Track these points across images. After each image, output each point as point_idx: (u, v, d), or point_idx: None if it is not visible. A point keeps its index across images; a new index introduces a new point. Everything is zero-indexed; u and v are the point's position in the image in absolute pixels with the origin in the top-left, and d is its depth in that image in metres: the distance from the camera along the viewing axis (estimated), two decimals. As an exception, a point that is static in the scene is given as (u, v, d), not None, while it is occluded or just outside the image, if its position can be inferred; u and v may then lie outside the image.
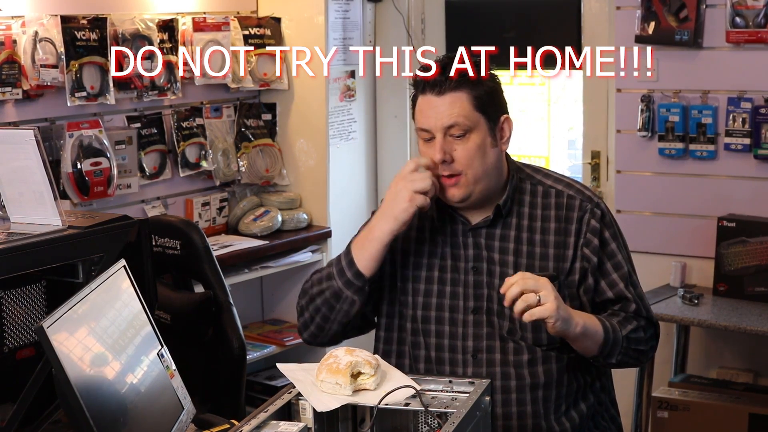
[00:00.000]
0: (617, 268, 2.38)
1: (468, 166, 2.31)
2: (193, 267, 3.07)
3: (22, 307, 2.25)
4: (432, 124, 2.31)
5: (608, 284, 2.38)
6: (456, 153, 2.31)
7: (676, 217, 4.13)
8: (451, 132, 2.30)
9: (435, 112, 2.31)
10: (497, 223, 2.39)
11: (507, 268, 2.36)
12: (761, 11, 3.86)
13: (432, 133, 2.32)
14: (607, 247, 2.38)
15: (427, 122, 2.32)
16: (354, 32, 4.81)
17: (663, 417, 3.83)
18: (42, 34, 3.66)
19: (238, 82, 4.38)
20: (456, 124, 2.30)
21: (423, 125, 2.33)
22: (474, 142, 2.31)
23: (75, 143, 3.78)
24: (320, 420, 1.95)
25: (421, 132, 2.35)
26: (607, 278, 2.38)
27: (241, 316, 3.09)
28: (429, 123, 2.32)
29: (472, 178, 2.32)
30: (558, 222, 2.38)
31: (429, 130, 2.32)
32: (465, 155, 2.31)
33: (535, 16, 4.68)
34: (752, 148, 3.94)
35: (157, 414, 2.02)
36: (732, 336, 4.01)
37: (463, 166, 2.31)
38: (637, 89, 4.16)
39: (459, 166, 2.31)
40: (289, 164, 4.62)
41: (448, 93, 2.30)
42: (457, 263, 2.40)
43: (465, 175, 2.32)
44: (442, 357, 2.39)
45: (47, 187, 2.28)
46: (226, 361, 3.00)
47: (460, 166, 2.31)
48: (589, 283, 2.37)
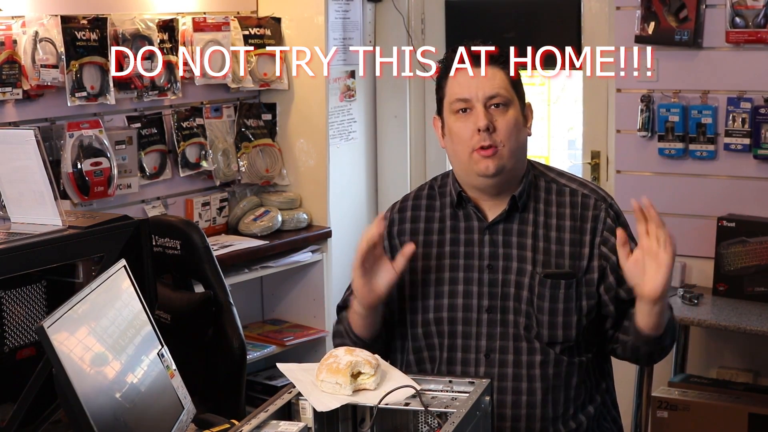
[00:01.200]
0: None
1: (507, 138, 2.31)
2: (193, 267, 3.08)
3: (22, 307, 2.25)
4: (473, 93, 2.31)
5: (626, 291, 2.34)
6: (497, 123, 2.31)
7: (676, 217, 4.13)
8: (493, 102, 2.31)
9: (476, 81, 2.31)
10: (513, 218, 2.38)
11: (525, 264, 2.35)
12: (761, 11, 3.86)
13: (472, 102, 2.31)
14: None
15: (468, 91, 2.32)
16: (354, 32, 4.81)
17: (663, 417, 3.83)
18: (42, 34, 3.66)
19: (238, 82, 4.39)
20: (498, 95, 2.31)
21: (462, 95, 2.32)
22: (512, 115, 2.32)
23: (75, 143, 3.78)
24: (320, 420, 1.95)
25: (458, 102, 2.33)
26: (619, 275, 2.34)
27: (241, 316, 3.09)
28: (470, 92, 2.31)
29: (508, 152, 2.31)
30: (573, 220, 2.37)
31: (469, 99, 2.31)
32: (506, 126, 2.31)
33: (535, 16, 4.68)
34: (752, 148, 3.94)
35: (157, 414, 2.02)
36: (732, 336, 4.01)
37: (503, 137, 2.30)
38: (637, 89, 4.16)
39: (499, 137, 2.30)
40: (289, 164, 4.62)
41: (486, 65, 2.32)
42: (471, 262, 2.38)
43: (503, 146, 2.31)
44: (454, 357, 2.37)
45: (47, 187, 2.29)
46: (226, 361, 3.00)
47: (500, 137, 2.30)
48: (610, 282, 2.35)
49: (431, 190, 2.48)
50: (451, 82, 2.36)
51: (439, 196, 2.46)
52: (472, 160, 2.32)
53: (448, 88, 2.36)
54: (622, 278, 2.33)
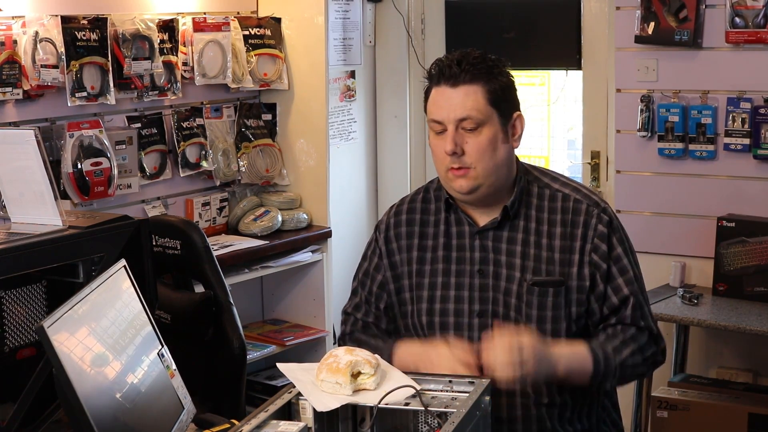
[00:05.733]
0: (622, 272, 2.35)
1: (478, 160, 2.30)
2: (193, 267, 3.08)
3: (22, 307, 2.25)
4: (444, 116, 2.30)
5: (613, 289, 2.35)
6: (467, 146, 2.30)
7: (676, 217, 4.13)
8: (463, 125, 2.29)
9: (449, 104, 2.30)
10: (504, 225, 2.37)
11: (514, 271, 2.35)
12: (761, 11, 3.86)
13: (444, 125, 2.30)
14: (613, 252, 2.35)
15: (440, 114, 2.31)
16: (354, 32, 4.81)
17: (662, 417, 3.84)
18: (42, 35, 3.66)
19: (238, 82, 4.39)
20: (469, 117, 2.29)
21: (435, 117, 2.32)
22: (486, 136, 2.30)
23: (75, 143, 3.78)
24: (320, 420, 1.95)
25: (433, 124, 2.33)
26: (612, 283, 2.35)
27: (241, 316, 3.09)
28: (441, 115, 2.31)
29: (482, 171, 2.30)
30: (564, 226, 2.35)
31: (441, 121, 2.31)
32: (476, 149, 2.30)
33: (535, 16, 4.69)
34: (752, 148, 3.94)
35: (157, 414, 2.03)
36: (731, 336, 4.01)
37: (473, 160, 2.30)
38: (636, 89, 4.16)
39: (469, 159, 2.30)
40: (289, 164, 4.62)
41: (462, 85, 2.29)
42: (463, 266, 2.38)
43: (474, 168, 2.30)
44: None
45: (48, 187, 2.29)
46: (226, 361, 3.00)
47: (470, 159, 2.30)
48: (600, 290, 2.34)
49: (427, 193, 2.48)
50: (430, 99, 2.36)
51: (434, 200, 2.46)
52: (447, 179, 2.34)
53: (428, 105, 2.36)
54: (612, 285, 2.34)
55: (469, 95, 2.29)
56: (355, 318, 2.49)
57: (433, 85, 2.34)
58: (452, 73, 2.30)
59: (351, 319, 2.50)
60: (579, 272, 2.33)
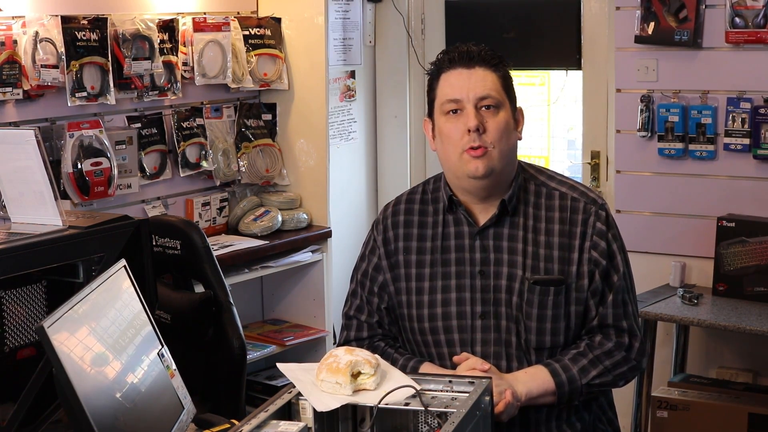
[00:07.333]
0: (615, 270, 2.36)
1: (498, 140, 2.29)
2: (193, 267, 3.08)
3: (22, 307, 2.25)
4: (464, 95, 2.30)
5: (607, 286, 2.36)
6: (488, 124, 2.29)
7: (676, 217, 4.13)
8: (484, 103, 2.29)
9: (467, 82, 2.30)
10: (504, 222, 2.37)
11: (515, 269, 2.34)
12: (761, 11, 3.86)
13: (462, 103, 2.30)
14: (610, 248, 2.36)
15: (459, 92, 2.30)
16: (354, 32, 4.82)
17: (662, 417, 3.84)
18: (42, 35, 3.66)
19: (238, 82, 4.39)
20: (489, 96, 2.29)
21: (453, 96, 2.31)
22: (503, 118, 2.31)
23: (75, 143, 3.78)
24: (320, 420, 1.95)
25: (449, 103, 2.31)
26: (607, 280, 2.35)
27: (241, 316, 3.09)
28: (461, 93, 2.30)
29: (498, 153, 2.30)
30: (562, 224, 2.35)
31: (460, 99, 2.30)
32: (496, 128, 2.29)
33: (535, 16, 4.69)
34: (752, 149, 3.94)
35: (157, 414, 2.03)
36: (731, 336, 4.01)
37: (493, 139, 2.29)
38: (636, 89, 4.16)
39: (488, 138, 2.29)
40: (289, 164, 4.62)
41: (478, 67, 2.30)
42: (463, 268, 2.37)
43: (493, 148, 2.29)
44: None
45: (48, 187, 2.29)
46: (226, 361, 3.00)
47: (490, 138, 2.29)
48: (597, 287, 2.34)
49: (424, 194, 2.47)
50: (442, 83, 2.34)
51: (431, 201, 2.45)
52: (462, 161, 2.31)
53: (439, 89, 2.35)
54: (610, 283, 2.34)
55: (486, 76, 2.31)
56: (358, 321, 2.47)
57: (444, 69, 2.34)
58: (469, 56, 2.31)
59: (354, 322, 2.48)
60: (578, 270, 2.33)
